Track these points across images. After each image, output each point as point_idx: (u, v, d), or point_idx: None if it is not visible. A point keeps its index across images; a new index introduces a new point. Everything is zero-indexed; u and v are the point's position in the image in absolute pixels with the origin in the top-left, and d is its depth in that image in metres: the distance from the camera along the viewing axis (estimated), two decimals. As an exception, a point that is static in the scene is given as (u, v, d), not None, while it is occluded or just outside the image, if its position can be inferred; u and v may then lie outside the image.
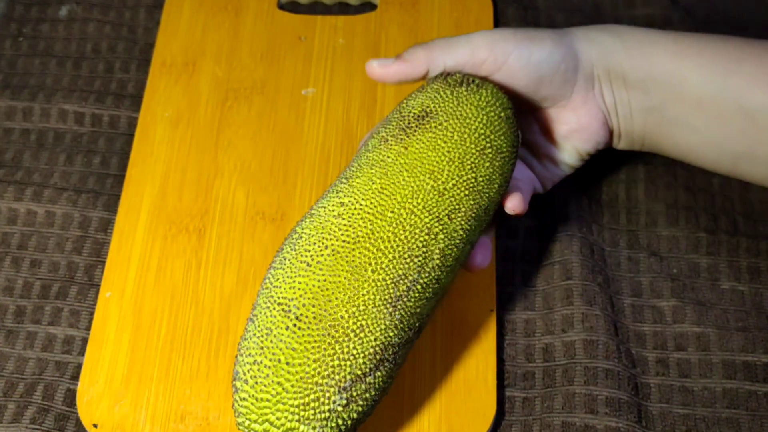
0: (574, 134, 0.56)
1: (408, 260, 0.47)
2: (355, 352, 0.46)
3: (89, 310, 0.58)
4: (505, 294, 0.58)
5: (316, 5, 0.71)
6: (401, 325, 0.47)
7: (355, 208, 0.48)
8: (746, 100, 0.51)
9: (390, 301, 0.47)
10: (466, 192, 0.49)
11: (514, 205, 0.52)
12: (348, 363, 0.46)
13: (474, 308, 0.56)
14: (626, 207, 0.62)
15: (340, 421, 0.46)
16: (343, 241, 0.47)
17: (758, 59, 0.52)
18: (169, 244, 0.59)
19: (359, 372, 0.46)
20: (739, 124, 0.52)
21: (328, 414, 0.46)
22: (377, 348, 0.46)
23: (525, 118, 0.57)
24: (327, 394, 0.45)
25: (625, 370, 0.55)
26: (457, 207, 0.49)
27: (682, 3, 0.70)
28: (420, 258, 0.48)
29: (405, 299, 0.47)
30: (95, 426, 0.53)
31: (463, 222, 0.49)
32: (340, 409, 0.46)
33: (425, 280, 0.48)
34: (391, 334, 0.47)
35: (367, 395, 0.46)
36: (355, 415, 0.46)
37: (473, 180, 0.49)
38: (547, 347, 0.56)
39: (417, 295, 0.47)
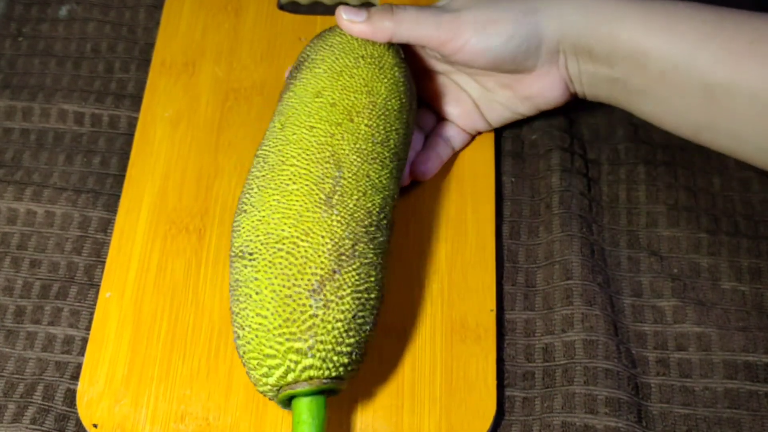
0: (534, 97, 0.59)
1: (322, 162, 0.51)
2: (308, 254, 0.48)
3: (89, 310, 0.58)
4: (505, 294, 0.58)
5: (317, 5, 0.71)
6: (347, 220, 0.50)
7: (264, 150, 0.53)
8: (709, 78, 0.51)
9: (322, 200, 0.50)
10: (357, 95, 0.54)
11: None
12: (307, 265, 0.48)
13: (474, 308, 0.56)
14: (627, 208, 0.62)
15: (329, 327, 0.47)
16: (262, 176, 0.52)
17: (727, 34, 0.51)
18: (169, 244, 0.59)
19: (322, 271, 0.48)
20: (700, 99, 0.52)
21: (311, 322, 0.47)
22: (330, 245, 0.49)
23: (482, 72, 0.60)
24: (301, 301, 0.47)
25: (625, 370, 0.55)
26: (351, 110, 0.53)
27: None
28: (332, 157, 0.51)
29: (338, 195, 0.50)
30: (95, 426, 0.53)
31: (365, 120, 0.53)
32: (321, 313, 0.47)
33: (349, 175, 0.51)
34: (339, 230, 0.49)
35: (343, 293, 0.48)
36: (340, 316, 0.48)
37: (359, 85, 0.54)
38: (547, 347, 0.56)
39: (348, 190, 0.51)
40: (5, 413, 0.54)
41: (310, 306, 0.48)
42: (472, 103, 0.61)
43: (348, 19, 0.56)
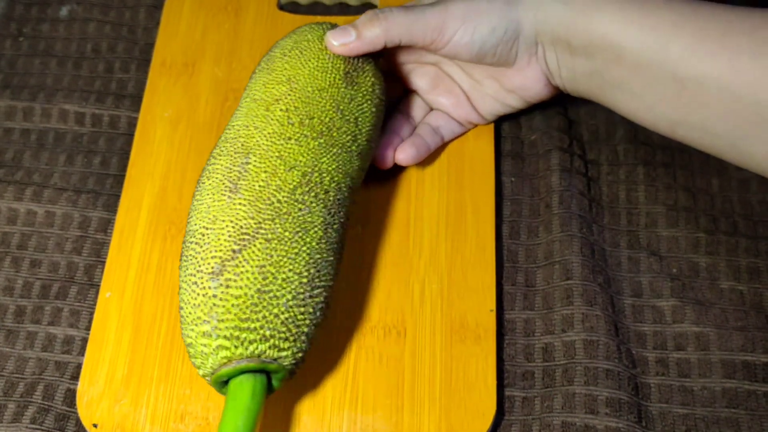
0: (518, 90, 0.59)
1: (232, 154, 0.52)
2: (210, 240, 0.49)
3: (89, 310, 0.58)
4: (504, 294, 0.58)
5: (316, 6, 0.71)
6: (251, 201, 0.50)
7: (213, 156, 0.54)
8: (680, 70, 0.51)
9: (228, 188, 0.51)
10: (277, 86, 0.55)
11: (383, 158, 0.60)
12: (209, 250, 0.49)
13: (474, 308, 0.56)
14: (626, 208, 0.62)
15: (228, 305, 0.48)
16: (200, 182, 0.53)
17: (699, 26, 0.51)
18: (168, 244, 0.59)
19: (221, 253, 0.49)
20: (673, 92, 0.52)
21: (212, 303, 0.48)
22: (231, 227, 0.49)
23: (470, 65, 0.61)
24: (203, 284, 0.48)
25: (625, 370, 0.55)
26: (269, 101, 0.54)
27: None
28: (242, 147, 0.52)
29: (243, 180, 0.51)
30: (95, 426, 0.53)
31: (281, 105, 0.54)
32: (219, 293, 0.48)
33: (256, 159, 0.52)
34: (242, 212, 0.50)
35: (241, 269, 0.48)
36: (239, 292, 0.48)
37: (280, 77, 0.55)
38: (546, 347, 0.56)
39: (254, 173, 0.51)
40: (5, 413, 0.54)
41: (210, 288, 0.48)
42: (463, 94, 0.62)
43: (340, 43, 0.56)
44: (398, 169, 0.62)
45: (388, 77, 0.63)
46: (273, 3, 0.70)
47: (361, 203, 0.60)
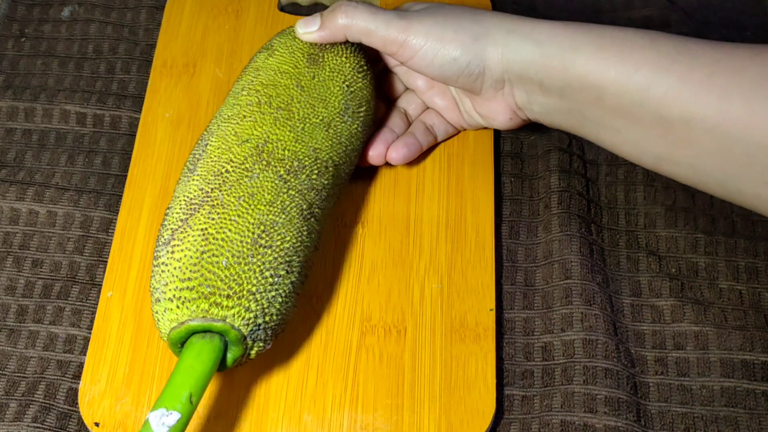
0: (484, 117, 0.59)
1: (198, 143, 0.55)
2: (168, 217, 0.52)
3: (91, 310, 0.58)
4: (504, 293, 0.59)
5: (317, 7, 0.72)
6: (203, 175, 0.52)
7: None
8: (665, 111, 0.49)
9: (188, 170, 0.54)
10: (246, 76, 0.57)
11: (372, 156, 0.60)
12: (165, 227, 0.52)
13: (473, 307, 0.57)
14: (625, 209, 0.62)
15: (171, 268, 0.49)
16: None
17: (684, 66, 0.49)
18: (170, 244, 0.59)
19: (173, 225, 0.51)
20: (658, 131, 0.51)
21: (160, 270, 0.50)
22: (185, 201, 0.52)
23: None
24: (157, 256, 0.51)
25: (624, 370, 0.55)
26: (236, 91, 0.57)
27: (681, 4, 0.70)
28: (205, 133, 0.55)
29: (200, 161, 0.54)
30: (97, 425, 0.53)
31: (245, 92, 0.56)
32: (166, 259, 0.50)
33: (213, 139, 0.54)
34: (194, 186, 0.52)
35: (184, 234, 0.50)
36: (180, 255, 0.49)
37: (251, 69, 0.58)
38: (546, 346, 0.57)
39: (209, 152, 0.54)
40: (7, 412, 0.54)
41: (160, 256, 0.50)
42: (453, 100, 0.62)
43: (304, 32, 0.57)
44: (399, 169, 0.62)
45: (390, 76, 0.63)
46: (273, 4, 0.70)
47: (360, 203, 0.61)
